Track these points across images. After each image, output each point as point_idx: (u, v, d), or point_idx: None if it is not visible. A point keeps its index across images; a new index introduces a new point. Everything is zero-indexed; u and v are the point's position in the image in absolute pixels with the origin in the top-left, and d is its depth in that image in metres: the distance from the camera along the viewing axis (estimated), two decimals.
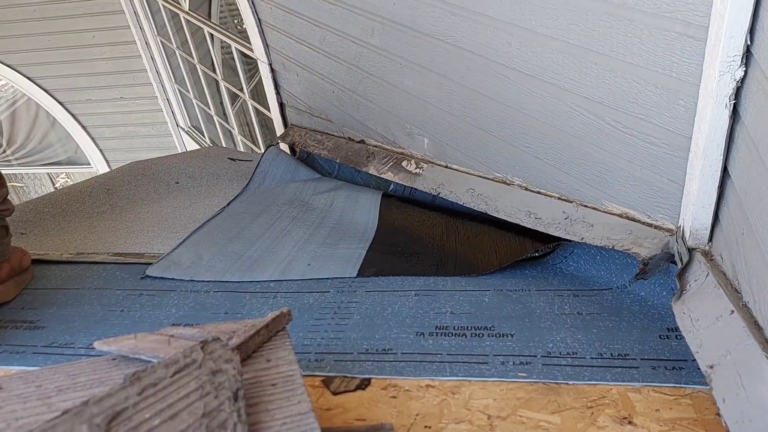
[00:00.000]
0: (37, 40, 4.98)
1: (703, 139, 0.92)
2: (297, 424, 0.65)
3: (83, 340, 1.25)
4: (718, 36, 0.83)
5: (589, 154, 1.22)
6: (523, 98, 1.31)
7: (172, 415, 0.60)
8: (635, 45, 1.00)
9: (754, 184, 0.82)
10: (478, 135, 1.52)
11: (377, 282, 1.40)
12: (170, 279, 1.52)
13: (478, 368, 1.00)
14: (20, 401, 0.72)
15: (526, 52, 1.23)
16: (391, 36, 1.65)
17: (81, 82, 5.20)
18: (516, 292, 1.27)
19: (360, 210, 1.95)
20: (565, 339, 1.07)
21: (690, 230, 1.04)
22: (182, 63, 4.74)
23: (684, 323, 0.94)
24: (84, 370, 0.79)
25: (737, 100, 0.87)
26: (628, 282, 1.24)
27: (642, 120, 1.05)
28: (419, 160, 1.83)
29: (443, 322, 1.17)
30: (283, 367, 0.77)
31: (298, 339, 1.16)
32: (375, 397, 0.94)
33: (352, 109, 2.10)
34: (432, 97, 1.63)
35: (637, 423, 0.83)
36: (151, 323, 1.30)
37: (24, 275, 1.52)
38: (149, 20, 4.69)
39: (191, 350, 0.71)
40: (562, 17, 1.11)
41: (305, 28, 2.09)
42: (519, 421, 0.86)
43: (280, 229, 1.84)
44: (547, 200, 1.38)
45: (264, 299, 1.37)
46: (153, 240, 1.94)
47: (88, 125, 5.49)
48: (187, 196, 2.39)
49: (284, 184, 2.33)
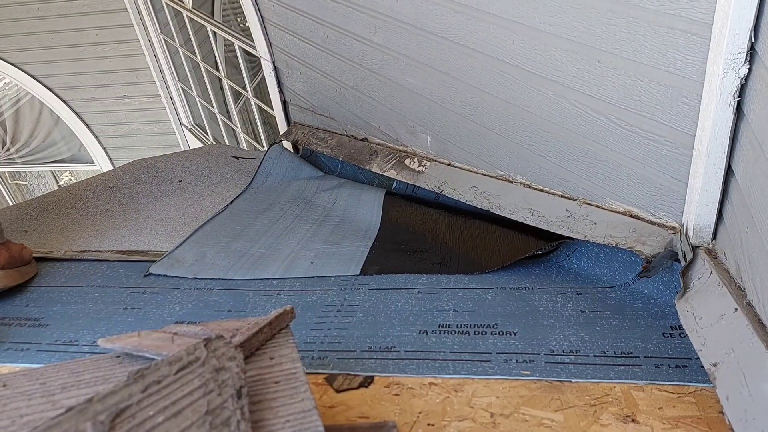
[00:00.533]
0: (40, 38, 4.99)
1: (706, 137, 0.92)
2: (300, 421, 0.66)
3: (87, 337, 1.25)
4: (722, 33, 0.82)
5: (592, 152, 1.22)
6: (526, 96, 1.30)
7: (175, 413, 0.60)
8: (639, 42, 0.99)
9: (758, 182, 0.82)
10: (481, 133, 1.52)
11: (380, 280, 1.40)
12: (173, 277, 1.53)
13: (481, 366, 1.00)
14: (24, 398, 0.72)
15: (530, 49, 1.23)
16: (394, 33, 1.65)
17: (84, 80, 5.21)
18: (519, 290, 1.27)
19: (363, 208, 1.95)
20: (568, 337, 1.07)
21: (693, 228, 1.03)
22: (185, 61, 4.75)
23: (687, 321, 0.94)
24: (88, 367, 0.80)
25: (741, 97, 0.86)
26: (632, 280, 1.24)
27: (645, 117, 1.05)
28: (422, 158, 1.83)
29: (446, 320, 1.17)
30: (287, 365, 0.77)
31: (301, 337, 1.16)
32: (378, 395, 0.94)
33: (355, 106, 2.10)
34: (435, 94, 1.63)
35: (640, 421, 0.83)
36: (155, 321, 1.30)
37: (27, 268, 1.53)
38: (152, 18, 4.69)
39: (195, 348, 0.71)
40: (565, 14, 1.11)
41: (308, 26, 2.09)
42: (522, 419, 0.86)
43: (283, 227, 1.84)
44: (551, 198, 1.38)
45: (267, 297, 1.37)
46: (156, 238, 1.95)
47: (91, 123, 5.50)
48: (190, 194, 2.39)
49: (287, 181, 2.33)
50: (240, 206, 2.10)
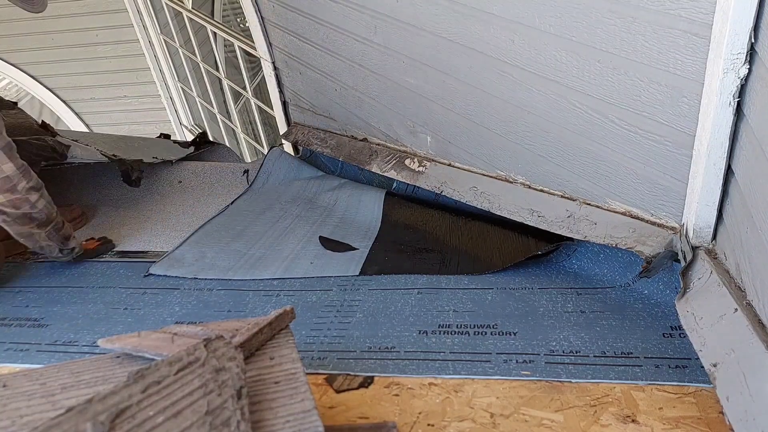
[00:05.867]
0: (40, 38, 4.98)
1: (706, 137, 0.92)
2: (300, 422, 0.66)
3: (87, 337, 1.25)
4: (722, 33, 0.82)
5: (592, 152, 1.21)
6: (526, 96, 1.30)
7: (175, 413, 0.60)
8: (639, 42, 0.99)
9: (758, 182, 0.82)
10: (481, 133, 1.52)
11: (380, 280, 1.40)
12: (173, 277, 1.53)
13: (481, 366, 1.00)
14: (25, 399, 0.72)
15: (530, 49, 1.23)
16: (394, 33, 1.65)
17: (84, 81, 5.21)
18: (519, 290, 1.27)
19: (363, 208, 1.95)
20: (568, 337, 1.07)
21: (694, 228, 1.03)
22: (185, 61, 4.74)
23: (687, 321, 0.94)
24: (88, 367, 0.80)
25: (741, 98, 0.86)
26: (632, 280, 1.24)
27: (646, 117, 1.05)
28: (422, 158, 1.83)
29: (446, 320, 1.17)
30: (287, 365, 0.77)
31: (301, 337, 1.16)
32: (378, 395, 0.94)
33: (355, 106, 2.10)
34: (435, 94, 1.63)
35: (640, 421, 0.83)
36: (155, 321, 1.30)
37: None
38: (152, 18, 4.69)
39: (195, 348, 0.71)
40: (566, 15, 1.11)
41: (308, 26, 2.09)
42: (522, 419, 0.86)
43: (283, 228, 1.84)
44: (551, 198, 1.38)
45: (267, 297, 1.37)
46: (156, 238, 1.95)
47: (91, 123, 5.49)
48: (190, 194, 2.39)
49: (288, 182, 2.33)
50: (240, 206, 2.10)
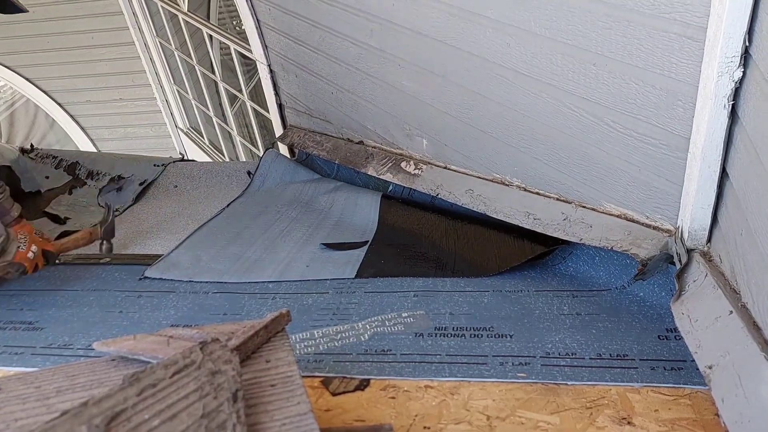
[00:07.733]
0: (35, 41, 4.97)
1: (701, 140, 0.92)
2: (296, 425, 0.65)
3: (82, 341, 1.25)
4: (717, 37, 0.83)
5: (587, 155, 1.22)
6: (522, 99, 1.31)
7: (171, 416, 0.60)
8: (634, 46, 1.00)
9: (753, 185, 0.82)
10: (477, 136, 1.52)
11: (376, 283, 1.40)
12: (169, 280, 1.52)
13: (477, 369, 1.00)
14: (19, 402, 0.72)
15: (525, 53, 1.23)
16: (390, 37, 1.65)
17: (80, 84, 5.19)
18: (515, 292, 1.27)
19: (359, 211, 1.95)
20: (564, 339, 1.07)
21: (689, 231, 1.04)
22: (181, 64, 4.74)
23: (683, 324, 0.94)
24: (83, 371, 0.79)
25: (736, 101, 0.87)
26: (627, 283, 1.24)
27: (641, 121, 1.06)
28: (418, 161, 1.83)
29: (442, 323, 1.17)
30: (283, 368, 0.77)
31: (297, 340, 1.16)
32: (374, 398, 0.94)
33: (351, 110, 2.10)
34: (431, 97, 1.63)
35: (636, 423, 0.83)
36: (150, 324, 1.30)
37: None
38: (148, 21, 4.69)
39: (190, 351, 0.71)
40: (561, 18, 1.11)
41: (304, 29, 2.09)
42: (518, 421, 0.86)
43: (279, 230, 1.84)
44: (546, 201, 1.38)
45: (263, 300, 1.37)
46: (152, 241, 1.94)
47: (87, 126, 5.47)
48: (186, 197, 2.39)
49: (284, 184, 2.33)
50: (236, 209, 2.10)
